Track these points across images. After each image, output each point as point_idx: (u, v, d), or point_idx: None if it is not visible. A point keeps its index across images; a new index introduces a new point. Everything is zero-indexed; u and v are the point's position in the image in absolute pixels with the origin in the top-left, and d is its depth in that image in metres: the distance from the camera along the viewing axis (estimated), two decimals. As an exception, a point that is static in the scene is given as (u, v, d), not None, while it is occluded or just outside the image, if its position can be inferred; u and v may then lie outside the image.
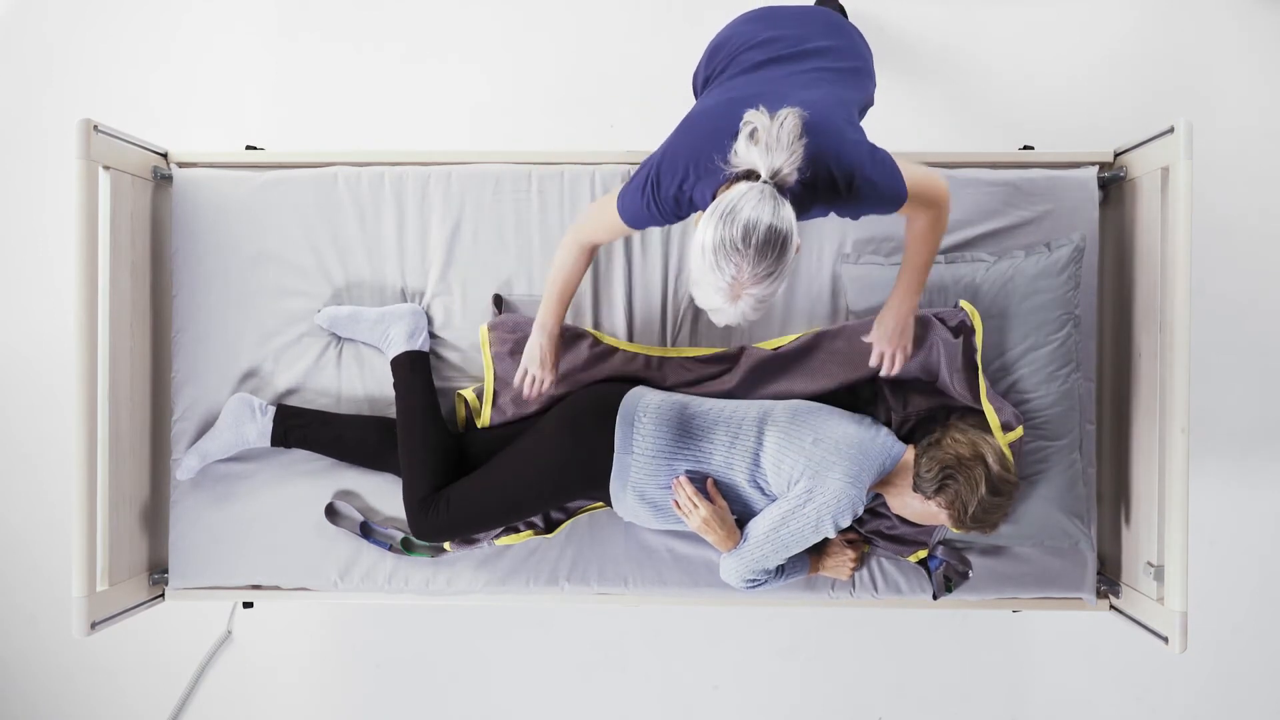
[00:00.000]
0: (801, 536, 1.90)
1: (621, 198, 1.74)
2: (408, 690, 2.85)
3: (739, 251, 1.45)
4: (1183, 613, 1.99)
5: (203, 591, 2.27)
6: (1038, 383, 2.10)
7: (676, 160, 1.64)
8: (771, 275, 1.48)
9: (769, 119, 1.48)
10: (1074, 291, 2.11)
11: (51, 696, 2.88)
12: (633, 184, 1.72)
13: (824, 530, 1.89)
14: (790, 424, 1.94)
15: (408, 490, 2.09)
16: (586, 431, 1.99)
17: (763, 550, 1.93)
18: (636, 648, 2.82)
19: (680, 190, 1.65)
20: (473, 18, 2.79)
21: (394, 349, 2.16)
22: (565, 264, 1.93)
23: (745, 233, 1.44)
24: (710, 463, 1.96)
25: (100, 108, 2.80)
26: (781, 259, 1.47)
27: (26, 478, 2.84)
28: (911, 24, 2.76)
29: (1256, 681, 2.80)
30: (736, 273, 1.46)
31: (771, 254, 1.46)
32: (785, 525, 1.90)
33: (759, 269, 1.46)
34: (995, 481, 1.89)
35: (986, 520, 1.91)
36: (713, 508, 1.94)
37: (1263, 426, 2.75)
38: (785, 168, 1.48)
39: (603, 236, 1.86)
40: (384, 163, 2.26)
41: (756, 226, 1.44)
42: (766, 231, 1.44)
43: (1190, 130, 1.99)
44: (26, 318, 2.83)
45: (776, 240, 1.45)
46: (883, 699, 2.82)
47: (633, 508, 2.01)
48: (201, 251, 2.25)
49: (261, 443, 2.18)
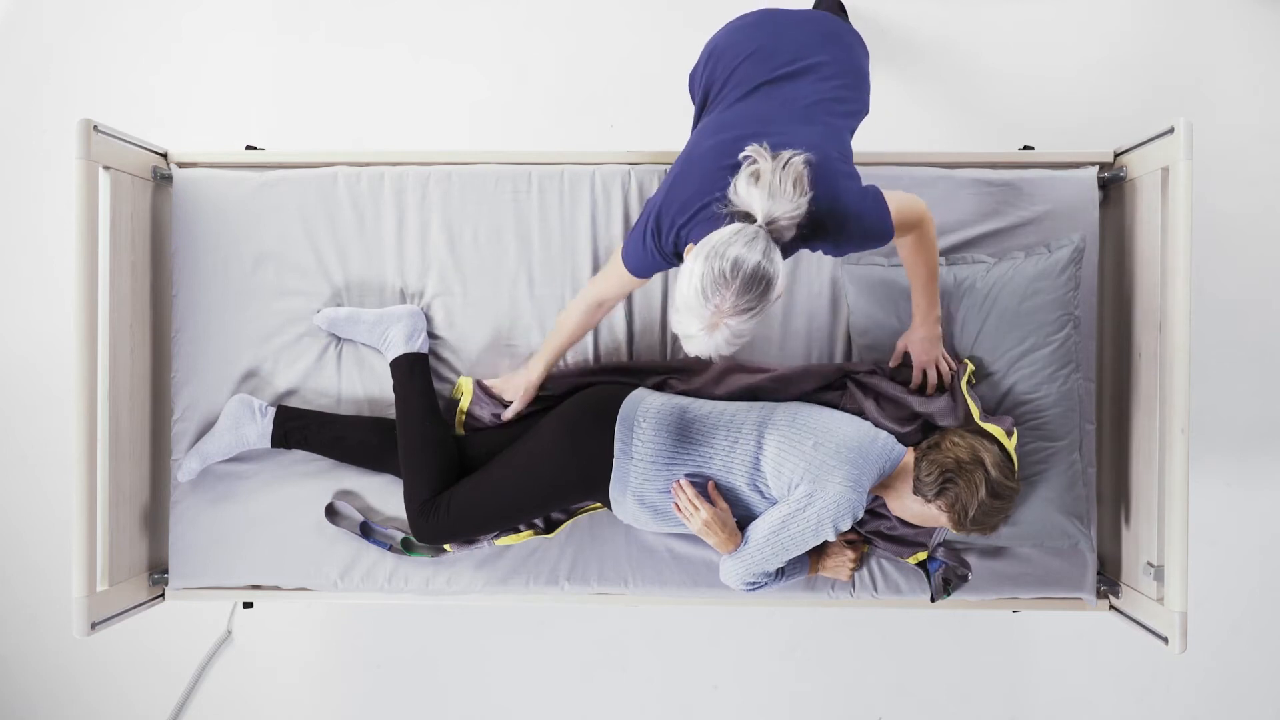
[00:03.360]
0: (802, 540, 1.90)
1: (625, 248, 1.80)
2: (408, 690, 2.84)
3: (725, 283, 1.49)
4: (1183, 613, 1.99)
5: (203, 591, 2.27)
6: (1038, 383, 2.09)
7: (673, 205, 1.68)
8: (751, 311, 1.52)
9: (771, 160, 1.51)
10: (1074, 292, 2.11)
11: (51, 696, 2.88)
12: (634, 233, 1.77)
13: (824, 534, 1.89)
14: (790, 428, 1.94)
15: (409, 495, 2.09)
16: (586, 435, 1.99)
17: (763, 553, 1.93)
18: (636, 648, 2.82)
19: (679, 236, 1.69)
20: (473, 18, 2.79)
21: (393, 351, 2.16)
22: (571, 318, 2.00)
23: (734, 267, 1.49)
24: (710, 467, 1.96)
25: (100, 108, 2.81)
26: (764, 298, 1.52)
27: (26, 478, 2.84)
28: (912, 24, 2.76)
29: (1256, 681, 2.80)
30: (720, 302, 1.51)
31: (755, 290, 1.50)
32: (785, 529, 1.90)
33: (740, 302, 1.51)
34: (995, 485, 1.89)
35: (987, 523, 1.92)
36: (714, 510, 1.94)
37: (1263, 426, 2.75)
38: (784, 220, 1.52)
39: (612, 292, 1.92)
40: (384, 163, 2.26)
41: (744, 263, 1.49)
42: (754, 269, 1.49)
43: (1190, 130, 1.99)
44: (26, 318, 2.83)
45: (762, 280, 1.50)
46: (883, 699, 2.82)
47: (633, 512, 2.01)
48: (201, 251, 2.25)
49: (261, 444, 2.18)
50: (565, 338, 2.03)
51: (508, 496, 2.03)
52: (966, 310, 2.11)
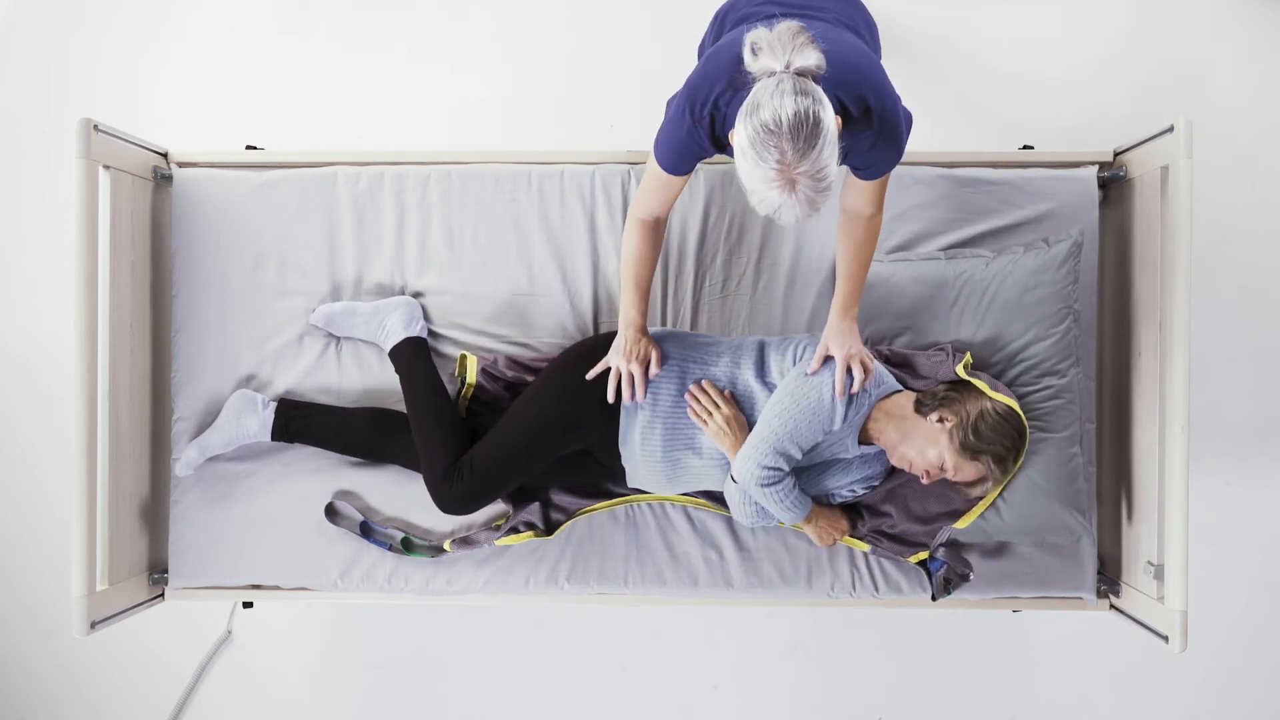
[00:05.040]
0: (811, 411, 1.89)
1: (657, 145, 1.72)
2: (408, 690, 2.84)
3: (773, 134, 1.42)
4: (1183, 611, 1.99)
5: (203, 591, 2.27)
6: (1038, 375, 2.10)
7: (708, 80, 1.61)
8: (815, 149, 1.44)
9: (766, 30, 1.49)
10: (1073, 286, 2.12)
11: (51, 696, 2.88)
12: (669, 118, 1.70)
13: (818, 419, 1.89)
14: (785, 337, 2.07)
15: (428, 466, 2.08)
16: (593, 362, 2.01)
17: (772, 427, 1.91)
18: (636, 648, 2.82)
19: (716, 106, 1.61)
20: (473, 18, 2.79)
21: (392, 339, 2.16)
22: (630, 246, 1.91)
23: (774, 117, 1.42)
24: (718, 365, 2.02)
25: (100, 107, 2.80)
26: (818, 133, 1.43)
27: (26, 478, 2.84)
28: (912, 23, 2.76)
29: (1256, 681, 2.80)
30: (780, 156, 1.43)
31: (805, 130, 1.42)
32: (793, 396, 1.91)
33: (797, 146, 1.43)
34: (1000, 409, 1.93)
35: (993, 442, 1.91)
36: (733, 409, 1.97)
37: (1263, 426, 2.75)
38: (796, 59, 1.46)
39: (655, 200, 1.84)
40: (384, 162, 2.26)
41: (781, 110, 1.42)
42: (794, 112, 1.42)
43: (1190, 128, 1.99)
44: (26, 318, 2.83)
45: (808, 118, 1.42)
46: (883, 699, 2.82)
47: (643, 428, 2.01)
48: (201, 251, 2.25)
49: (262, 435, 2.18)
50: (635, 270, 1.92)
51: (522, 436, 2.02)
52: (966, 303, 2.12)
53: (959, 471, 1.94)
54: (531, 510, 2.17)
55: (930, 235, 2.21)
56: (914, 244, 2.22)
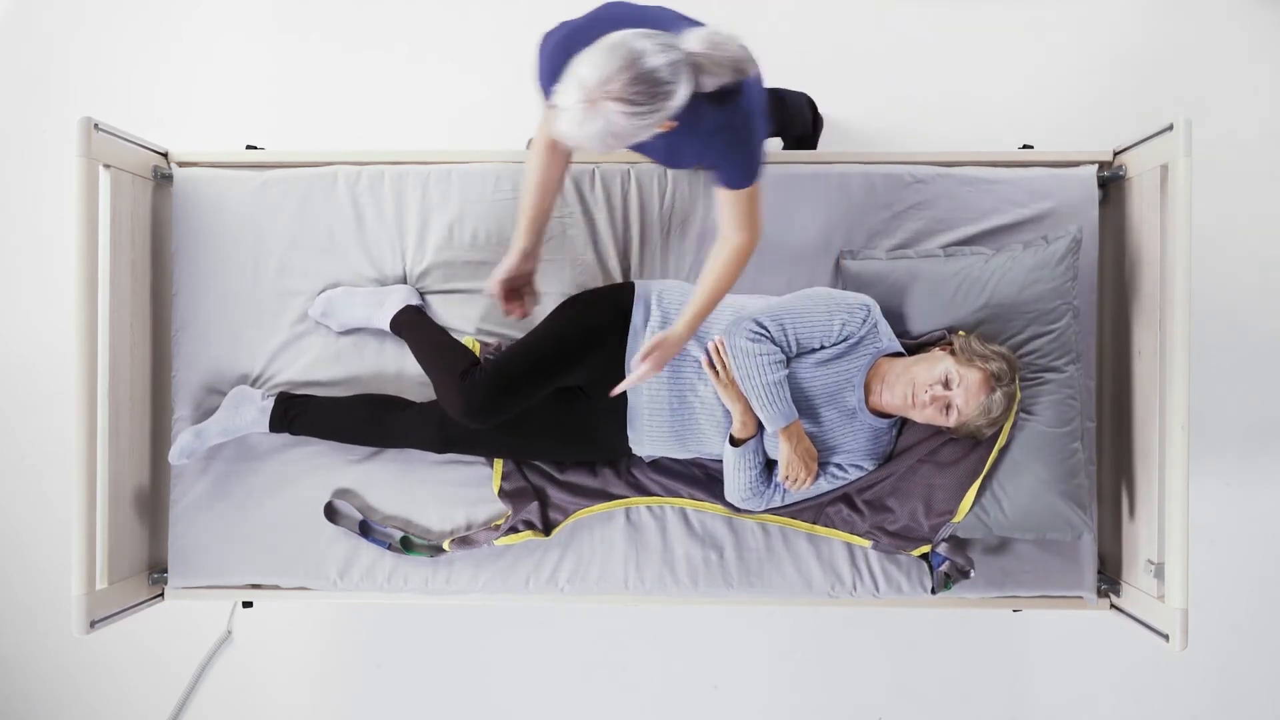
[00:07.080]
0: (812, 306, 1.97)
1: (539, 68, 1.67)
2: (408, 690, 2.84)
3: (622, 67, 1.39)
4: (1183, 610, 1.99)
5: (202, 591, 2.27)
6: (1038, 370, 2.11)
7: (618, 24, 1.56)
8: (636, 107, 1.41)
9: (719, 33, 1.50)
10: (1072, 283, 2.12)
11: (51, 696, 2.88)
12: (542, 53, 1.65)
13: (833, 311, 1.96)
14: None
15: (445, 375, 2.06)
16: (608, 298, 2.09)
17: (780, 301, 2.00)
18: (636, 648, 2.82)
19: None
20: (472, 17, 2.79)
21: (392, 309, 2.17)
22: (528, 167, 1.92)
23: (637, 56, 1.40)
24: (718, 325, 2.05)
25: (101, 107, 2.81)
26: (652, 102, 1.42)
27: (26, 477, 2.84)
28: (912, 24, 2.76)
29: (1256, 680, 2.80)
30: (609, 83, 1.40)
31: (646, 89, 1.41)
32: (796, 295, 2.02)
33: (629, 91, 1.40)
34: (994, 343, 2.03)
35: (991, 358, 1.96)
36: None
37: (1263, 426, 2.75)
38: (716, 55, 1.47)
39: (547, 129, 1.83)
40: (384, 162, 2.27)
41: (646, 58, 1.41)
42: (653, 69, 1.41)
43: (1189, 128, 1.99)
44: (26, 317, 2.83)
45: (659, 85, 1.41)
46: (883, 699, 2.82)
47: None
48: (201, 251, 2.25)
49: (260, 425, 2.17)
50: (530, 191, 1.93)
51: (541, 342, 2.03)
52: (965, 299, 2.12)
53: (964, 381, 1.94)
54: (530, 510, 2.17)
55: (930, 234, 2.22)
56: (914, 242, 2.22)
